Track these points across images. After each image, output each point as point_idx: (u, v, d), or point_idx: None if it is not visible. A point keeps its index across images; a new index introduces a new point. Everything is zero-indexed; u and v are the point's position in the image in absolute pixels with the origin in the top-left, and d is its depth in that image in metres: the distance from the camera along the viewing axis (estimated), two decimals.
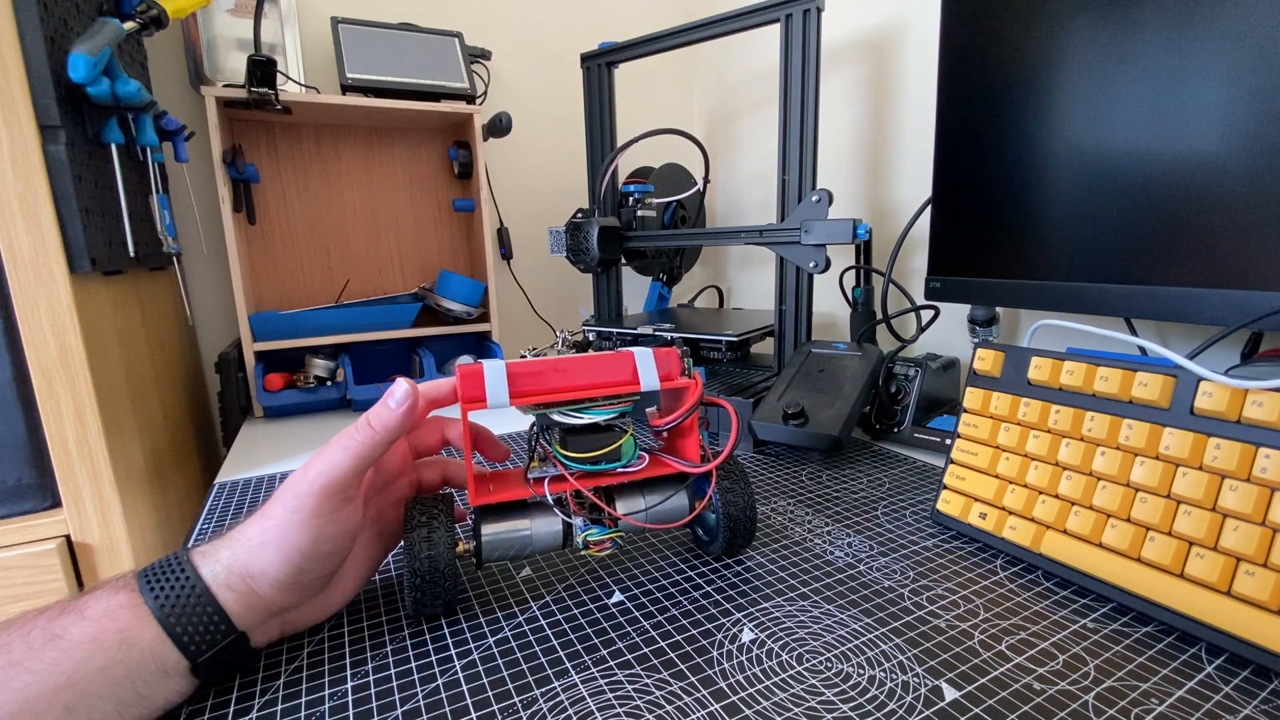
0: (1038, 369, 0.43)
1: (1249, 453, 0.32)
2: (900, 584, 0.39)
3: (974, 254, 0.59)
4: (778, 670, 0.32)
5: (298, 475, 0.32)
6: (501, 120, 0.98)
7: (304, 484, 0.31)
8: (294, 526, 0.30)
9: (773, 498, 0.53)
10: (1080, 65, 0.50)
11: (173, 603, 0.28)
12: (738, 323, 0.84)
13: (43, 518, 0.57)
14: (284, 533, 0.30)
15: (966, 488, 0.45)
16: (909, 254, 0.82)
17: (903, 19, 0.83)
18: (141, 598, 0.28)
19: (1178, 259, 0.45)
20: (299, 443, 0.73)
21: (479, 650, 0.34)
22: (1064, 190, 0.52)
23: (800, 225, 0.68)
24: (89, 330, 0.56)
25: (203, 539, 0.31)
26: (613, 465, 0.38)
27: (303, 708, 0.30)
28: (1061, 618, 0.35)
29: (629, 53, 0.85)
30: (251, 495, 0.57)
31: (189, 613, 0.28)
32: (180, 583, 0.29)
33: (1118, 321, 0.56)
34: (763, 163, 1.13)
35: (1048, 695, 0.29)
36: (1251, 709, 0.28)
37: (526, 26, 1.13)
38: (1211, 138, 0.43)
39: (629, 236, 0.87)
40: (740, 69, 1.16)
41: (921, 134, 0.82)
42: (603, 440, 0.37)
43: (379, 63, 0.88)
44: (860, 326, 0.74)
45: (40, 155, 0.52)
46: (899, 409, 0.65)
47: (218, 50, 0.84)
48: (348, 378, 0.84)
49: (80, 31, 0.57)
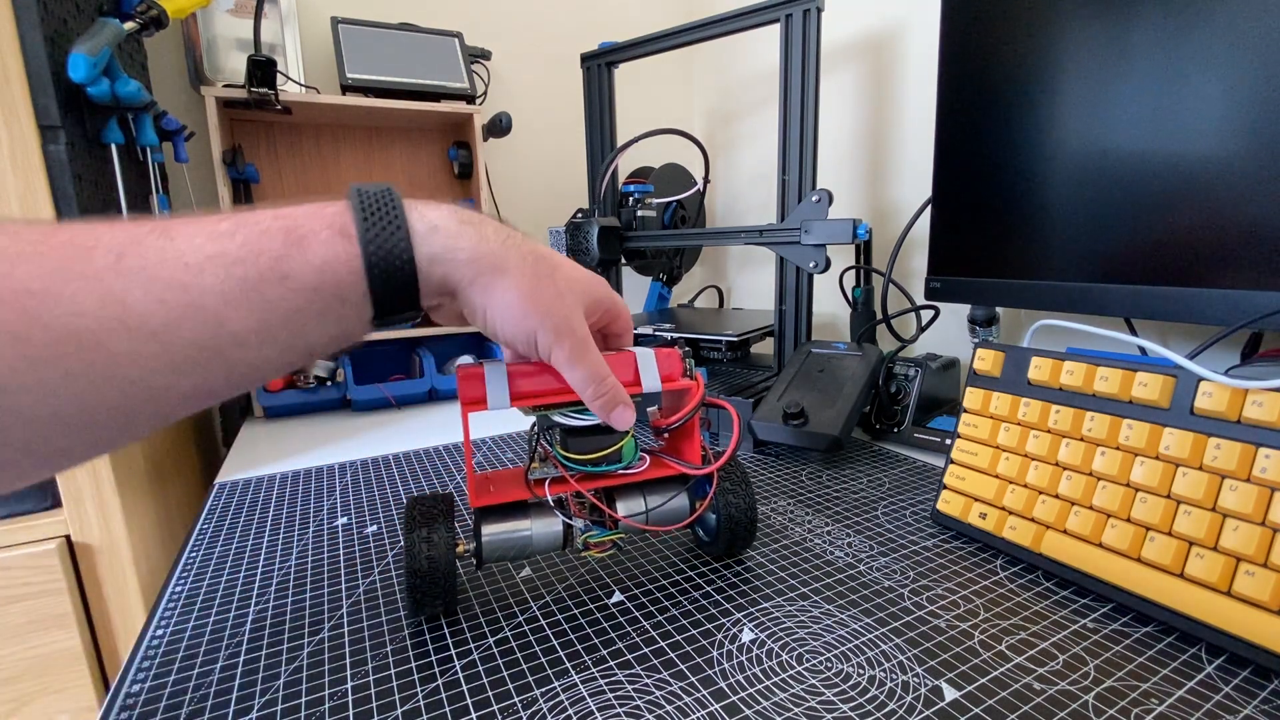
0: (1038, 369, 0.43)
1: (1249, 453, 0.32)
2: (900, 584, 0.39)
3: (974, 254, 0.59)
4: (778, 670, 0.32)
5: (575, 312, 0.33)
6: (501, 120, 0.98)
7: (569, 330, 0.32)
8: (517, 314, 0.30)
9: (773, 498, 0.53)
10: (1080, 65, 0.50)
11: (385, 277, 0.27)
12: (738, 323, 0.84)
13: (43, 518, 0.57)
14: (508, 308, 0.30)
15: (966, 488, 0.45)
16: (909, 254, 0.82)
17: (903, 19, 0.83)
18: (362, 263, 0.27)
19: (1178, 259, 0.45)
20: (299, 443, 0.73)
21: (479, 650, 0.34)
22: (1064, 190, 0.52)
23: (800, 225, 0.68)
24: None
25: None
26: (614, 466, 0.38)
27: (303, 708, 0.30)
28: (1061, 618, 0.35)
29: (629, 53, 0.85)
30: (251, 495, 0.57)
31: (395, 285, 0.27)
32: (399, 265, 0.27)
33: (1118, 321, 0.56)
34: (763, 163, 1.13)
35: (1048, 695, 0.29)
36: (1251, 709, 0.28)
37: (526, 26, 1.13)
38: (1211, 137, 0.43)
39: (629, 236, 0.87)
40: (740, 69, 1.16)
41: (921, 134, 0.82)
42: (604, 441, 0.37)
43: (379, 63, 0.88)
44: (860, 326, 0.74)
45: (40, 155, 0.52)
46: (899, 409, 0.65)
47: (218, 50, 0.84)
48: (348, 378, 0.84)
49: (80, 31, 0.57)
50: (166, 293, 0.23)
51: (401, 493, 0.56)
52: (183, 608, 0.39)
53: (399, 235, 0.27)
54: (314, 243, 0.26)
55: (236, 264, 0.24)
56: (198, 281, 0.24)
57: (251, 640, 0.35)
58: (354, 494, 0.56)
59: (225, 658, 0.34)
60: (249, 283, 0.24)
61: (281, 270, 0.25)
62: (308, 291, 0.26)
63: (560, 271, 0.32)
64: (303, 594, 0.40)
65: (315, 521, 0.51)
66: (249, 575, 0.43)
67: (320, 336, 0.27)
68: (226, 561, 0.45)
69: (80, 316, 0.22)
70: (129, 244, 0.23)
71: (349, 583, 0.41)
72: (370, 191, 0.28)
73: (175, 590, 0.41)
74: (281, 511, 0.53)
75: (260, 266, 0.25)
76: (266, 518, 0.52)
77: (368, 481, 0.59)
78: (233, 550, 0.46)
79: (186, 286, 0.24)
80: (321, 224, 0.26)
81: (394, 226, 0.27)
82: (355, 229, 0.27)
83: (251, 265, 0.25)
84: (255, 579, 0.42)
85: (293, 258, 0.25)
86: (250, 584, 0.42)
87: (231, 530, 0.50)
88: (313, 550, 0.46)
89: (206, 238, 0.24)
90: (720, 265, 1.27)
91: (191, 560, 0.45)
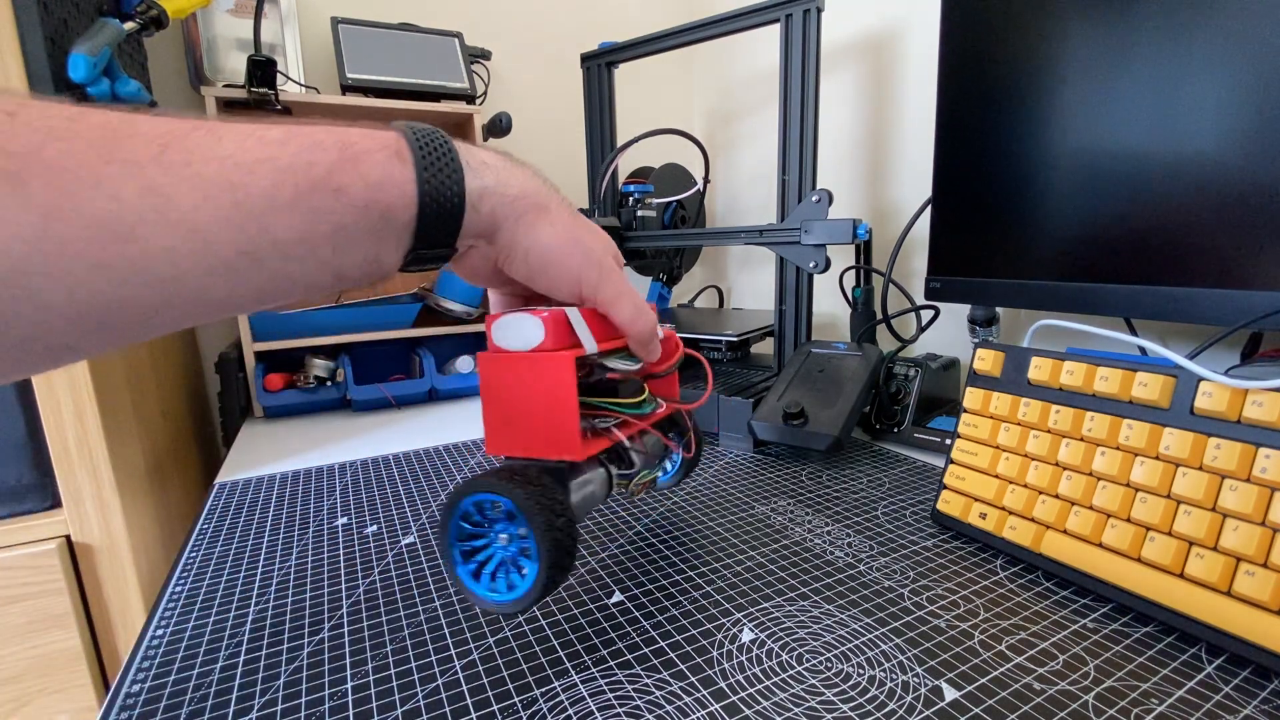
0: (1038, 369, 0.43)
1: (1249, 453, 0.32)
2: (900, 584, 0.39)
3: (974, 254, 0.59)
4: (778, 670, 0.32)
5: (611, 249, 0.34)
6: (501, 120, 0.98)
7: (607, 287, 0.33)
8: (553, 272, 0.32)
9: (773, 498, 0.53)
10: (1080, 65, 0.50)
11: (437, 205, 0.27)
12: (738, 323, 0.84)
13: (43, 518, 0.57)
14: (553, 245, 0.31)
15: (966, 488, 0.45)
16: (909, 254, 0.82)
17: (903, 19, 0.83)
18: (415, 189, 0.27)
19: (1178, 259, 0.45)
20: (299, 443, 0.73)
21: (479, 650, 0.34)
22: (1064, 190, 0.52)
23: (800, 225, 0.68)
24: None
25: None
26: (653, 407, 0.39)
27: (303, 708, 0.30)
28: (1061, 618, 0.35)
29: (629, 53, 0.85)
30: (251, 495, 0.57)
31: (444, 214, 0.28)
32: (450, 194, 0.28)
33: (1118, 321, 0.56)
34: (763, 163, 1.13)
35: (1048, 695, 0.29)
36: (1251, 709, 0.28)
37: (526, 26, 1.13)
38: (1211, 137, 0.43)
39: (629, 236, 0.87)
40: (740, 69, 1.16)
41: (921, 134, 0.82)
42: (640, 385, 0.38)
43: (379, 63, 0.88)
44: (860, 326, 0.74)
45: None
46: (899, 409, 0.65)
47: (218, 50, 0.84)
48: (348, 378, 0.84)
49: (80, 31, 0.57)
50: (213, 190, 0.22)
51: (401, 493, 0.56)
52: (183, 608, 0.39)
53: (453, 166, 0.27)
54: (369, 162, 0.26)
55: (288, 171, 0.24)
56: (248, 182, 0.23)
57: (251, 640, 0.35)
58: (354, 494, 0.56)
59: (225, 658, 0.34)
60: (300, 190, 0.24)
61: (335, 183, 0.25)
62: (357, 208, 0.25)
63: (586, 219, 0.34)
64: (303, 594, 0.40)
65: (315, 521, 0.51)
66: (249, 575, 0.43)
67: (356, 258, 0.27)
68: (226, 561, 0.45)
69: (118, 202, 0.20)
70: (173, 138, 0.22)
71: (349, 583, 0.41)
72: (419, 127, 0.28)
73: (175, 590, 0.41)
74: (281, 511, 0.53)
75: (313, 176, 0.24)
76: (266, 518, 0.52)
77: (368, 481, 0.59)
78: (233, 550, 0.46)
79: (235, 186, 0.23)
80: (376, 144, 0.26)
81: (449, 158, 0.27)
82: (410, 154, 0.27)
83: (304, 174, 0.24)
84: (255, 579, 0.42)
85: (346, 171, 0.25)
86: (250, 584, 0.42)
87: (231, 530, 0.50)
88: (313, 550, 0.46)
89: (257, 141, 0.24)
90: (720, 265, 1.27)
91: (191, 560, 0.45)
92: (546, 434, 0.32)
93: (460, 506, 0.32)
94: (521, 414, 0.32)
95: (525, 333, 0.32)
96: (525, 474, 0.31)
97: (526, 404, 0.32)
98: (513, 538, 0.32)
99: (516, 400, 0.32)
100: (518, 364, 0.32)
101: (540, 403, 0.32)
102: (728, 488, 0.55)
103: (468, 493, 0.32)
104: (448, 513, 0.32)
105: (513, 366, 0.32)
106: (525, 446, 0.33)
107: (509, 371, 0.32)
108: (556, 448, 0.32)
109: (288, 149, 0.24)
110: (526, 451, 0.33)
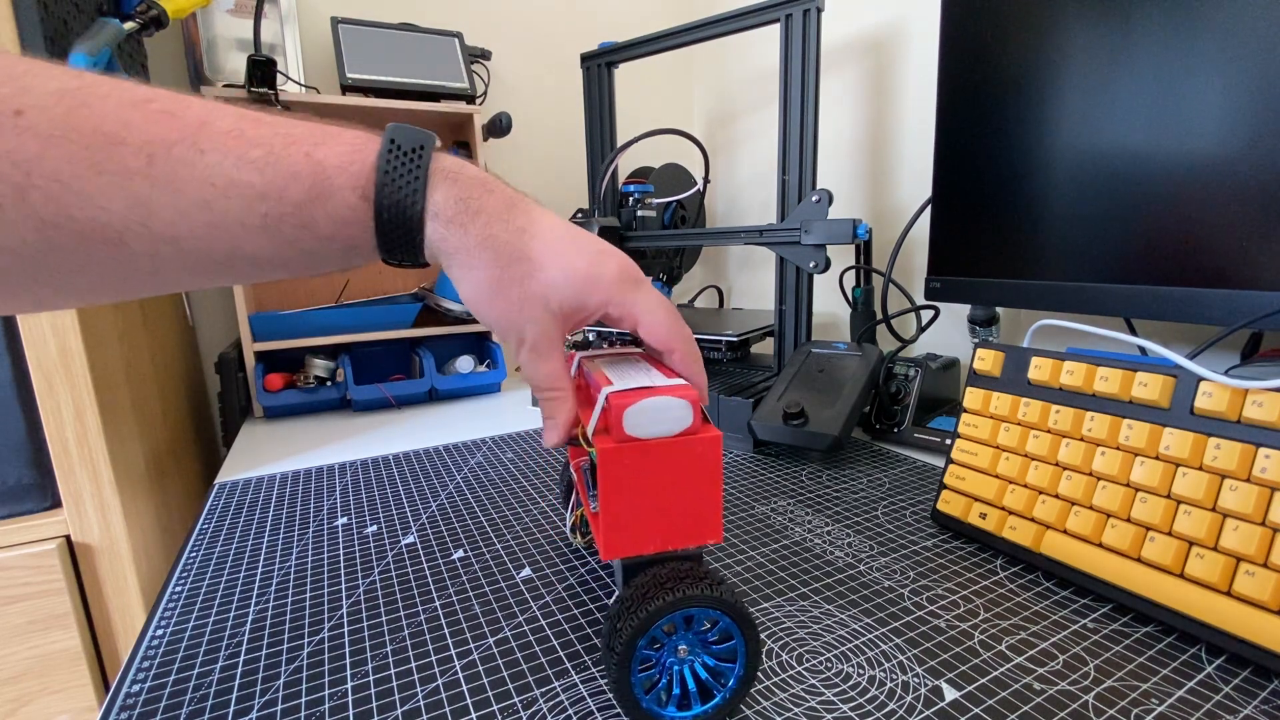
0: (1038, 369, 0.43)
1: (1249, 453, 0.32)
2: (900, 584, 0.39)
3: (974, 254, 0.59)
4: (777, 670, 0.32)
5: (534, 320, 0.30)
6: (501, 120, 0.98)
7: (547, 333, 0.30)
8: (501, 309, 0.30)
9: (773, 498, 0.53)
10: (1080, 65, 0.50)
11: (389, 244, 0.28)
12: (738, 323, 0.84)
13: (43, 518, 0.57)
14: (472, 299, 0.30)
15: (966, 488, 0.45)
16: (909, 254, 0.82)
17: (903, 19, 0.83)
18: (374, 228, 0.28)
19: (1178, 259, 0.45)
20: (299, 443, 0.73)
21: (479, 650, 0.34)
22: (1064, 190, 0.52)
23: (800, 225, 0.68)
24: (89, 330, 0.56)
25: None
26: None
27: (303, 708, 0.30)
28: (1061, 618, 0.35)
29: (629, 53, 0.85)
30: (251, 495, 0.57)
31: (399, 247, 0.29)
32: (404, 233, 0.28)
33: (1118, 321, 0.56)
34: (763, 163, 1.13)
35: (1048, 695, 0.29)
36: (1251, 709, 0.28)
37: (526, 26, 1.13)
38: (1211, 137, 0.43)
39: (629, 236, 0.87)
40: (740, 69, 1.16)
41: (921, 134, 0.82)
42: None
43: (379, 63, 0.88)
44: (860, 326, 0.74)
45: None
46: (899, 409, 0.65)
47: (218, 50, 0.84)
48: (348, 378, 0.84)
49: (80, 31, 0.57)
50: (191, 208, 0.24)
51: (401, 493, 0.56)
52: (183, 608, 0.39)
53: (413, 211, 0.28)
54: (337, 201, 0.27)
55: (259, 199, 0.25)
56: (222, 204, 0.25)
57: (251, 640, 0.35)
58: (354, 494, 0.56)
59: (225, 658, 0.34)
60: (270, 219, 0.26)
61: (302, 218, 0.26)
62: (323, 238, 0.27)
63: (540, 276, 0.30)
64: (303, 594, 0.40)
65: (315, 521, 0.51)
66: (249, 575, 0.43)
67: (329, 268, 0.29)
68: (226, 561, 0.45)
69: (107, 213, 0.23)
70: (160, 148, 0.24)
71: (349, 583, 0.41)
72: (403, 148, 0.28)
73: (175, 590, 0.41)
74: (281, 511, 0.53)
75: (282, 209, 0.26)
76: (266, 518, 0.52)
77: (368, 481, 0.59)
78: (233, 550, 0.46)
79: (210, 205, 0.24)
80: (347, 181, 0.27)
81: (411, 200, 0.28)
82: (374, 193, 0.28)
83: (274, 203, 0.26)
84: (255, 579, 0.42)
85: (315, 208, 0.26)
86: (250, 584, 0.42)
87: (231, 530, 0.50)
88: (313, 550, 0.46)
89: (236, 162, 0.25)
90: (720, 265, 1.27)
91: (191, 560, 0.45)
92: (691, 521, 0.29)
93: (645, 637, 0.28)
94: (661, 506, 0.29)
95: (673, 416, 0.28)
96: (693, 574, 0.29)
97: (670, 493, 0.29)
98: (692, 646, 0.29)
99: (656, 491, 0.29)
100: (664, 451, 0.28)
101: (687, 489, 0.29)
102: (728, 488, 0.55)
103: (654, 620, 0.28)
104: (629, 649, 0.28)
105: (657, 455, 0.28)
106: (663, 540, 0.29)
107: (651, 461, 0.28)
108: (700, 533, 0.29)
109: (264, 176, 0.25)
110: (664, 544, 0.29)
